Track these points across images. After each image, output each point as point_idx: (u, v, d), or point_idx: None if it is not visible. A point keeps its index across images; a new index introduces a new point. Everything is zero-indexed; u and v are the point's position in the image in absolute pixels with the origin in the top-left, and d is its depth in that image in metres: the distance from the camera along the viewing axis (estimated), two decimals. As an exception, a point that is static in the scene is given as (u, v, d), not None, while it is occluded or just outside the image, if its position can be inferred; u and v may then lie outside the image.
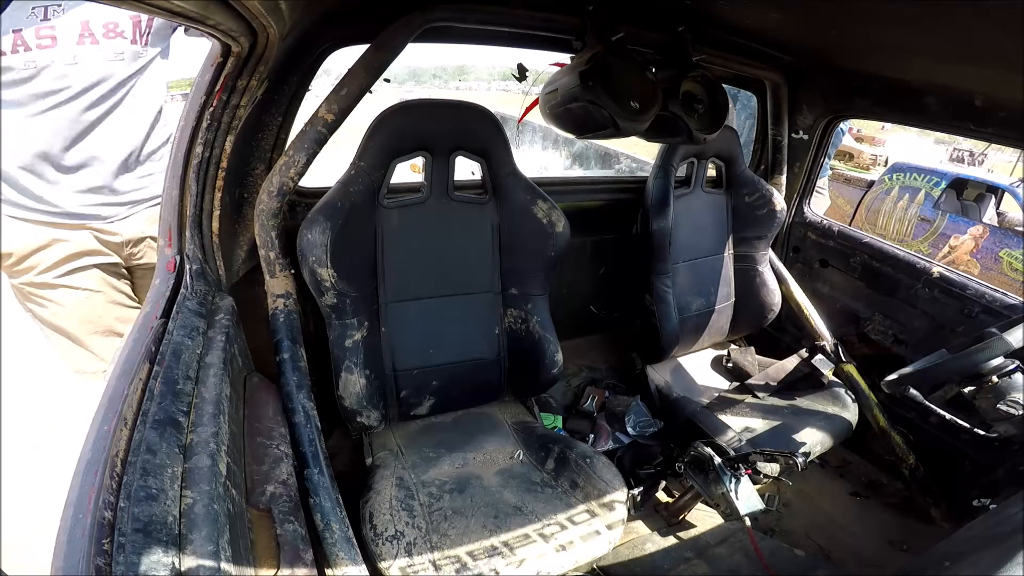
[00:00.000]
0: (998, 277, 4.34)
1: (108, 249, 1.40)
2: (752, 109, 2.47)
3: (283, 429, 0.95)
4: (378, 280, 1.34)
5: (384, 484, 1.18)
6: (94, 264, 1.38)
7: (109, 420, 0.62)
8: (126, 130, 1.33)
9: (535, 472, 1.30)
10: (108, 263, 1.41)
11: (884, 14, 0.98)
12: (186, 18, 0.75)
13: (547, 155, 5.66)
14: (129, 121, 1.33)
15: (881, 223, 5.24)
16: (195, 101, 0.99)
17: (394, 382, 1.38)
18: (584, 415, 1.90)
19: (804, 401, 1.72)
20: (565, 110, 1.28)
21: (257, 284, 1.21)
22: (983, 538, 0.86)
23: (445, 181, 1.35)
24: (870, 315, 1.91)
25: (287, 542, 0.74)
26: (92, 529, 0.51)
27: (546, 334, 1.43)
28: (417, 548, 1.05)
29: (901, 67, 1.48)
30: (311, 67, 1.22)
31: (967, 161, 10.59)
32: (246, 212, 1.22)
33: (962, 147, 11.28)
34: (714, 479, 1.30)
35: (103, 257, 1.39)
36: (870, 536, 1.65)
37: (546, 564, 1.06)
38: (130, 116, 1.33)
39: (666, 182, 1.73)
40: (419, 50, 1.40)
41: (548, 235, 1.36)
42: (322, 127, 1.13)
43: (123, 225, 1.39)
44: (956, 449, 1.65)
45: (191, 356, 0.79)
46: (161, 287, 0.93)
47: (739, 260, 1.96)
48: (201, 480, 0.62)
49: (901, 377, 1.21)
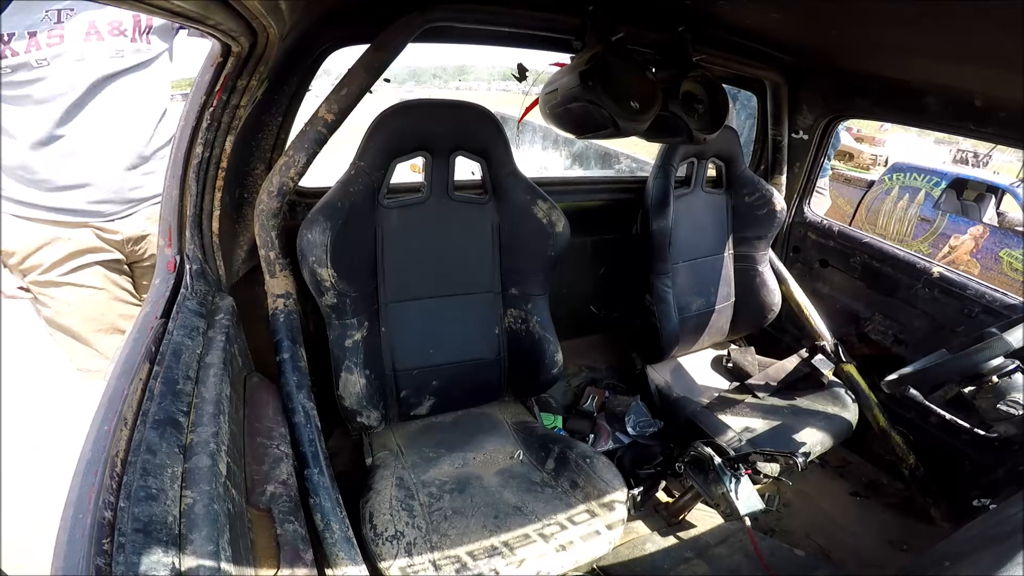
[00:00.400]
0: (998, 277, 4.34)
1: (109, 246, 1.40)
2: (752, 109, 2.47)
3: (283, 429, 0.95)
4: (378, 280, 1.34)
5: (384, 484, 1.18)
6: (97, 261, 1.38)
7: (109, 420, 0.62)
8: (129, 128, 1.33)
9: (535, 472, 1.30)
10: (110, 260, 1.41)
11: (884, 14, 0.98)
12: (186, 18, 0.75)
13: (547, 155, 5.66)
14: (132, 119, 1.33)
15: (881, 223, 5.24)
16: (195, 101, 0.99)
17: (394, 382, 1.38)
18: (584, 415, 1.90)
19: (804, 401, 1.72)
20: (565, 110, 1.28)
21: (257, 284, 1.22)
22: (983, 538, 0.86)
23: (445, 181, 1.35)
24: (870, 315, 1.91)
25: (287, 542, 0.74)
26: (92, 529, 0.51)
27: (546, 334, 1.43)
28: (417, 548, 1.05)
29: (901, 67, 1.48)
30: (311, 67, 1.22)
31: (971, 163, 10.38)
32: (246, 212, 1.22)
33: (966, 148, 11.12)
34: (714, 479, 1.30)
35: (105, 254, 1.39)
36: (870, 536, 1.65)
37: (546, 564, 1.06)
38: (133, 114, 1.33)
39: (666, 182, 1.73)
40: (419, 50, 1.40)
41: (548, 235, 1.36)
42: (322, 127, 1.13)
43: (124, 223, 1.39)
44: (956, 449, 1.65)
45: (191, 356, 0.79)
46: (161, 287, 0.93)
47: (739, 260, 1.96)
48: (201, 480, 0.62)
49: (901, 377, 1.21)
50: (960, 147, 11.31)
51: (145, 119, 1.37)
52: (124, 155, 1.34)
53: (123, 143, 1.33)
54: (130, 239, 1.42)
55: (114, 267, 1.43)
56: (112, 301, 1.42)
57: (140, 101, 1.34)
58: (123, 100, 1.30)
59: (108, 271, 1.41)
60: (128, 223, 1.40)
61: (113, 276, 1.42)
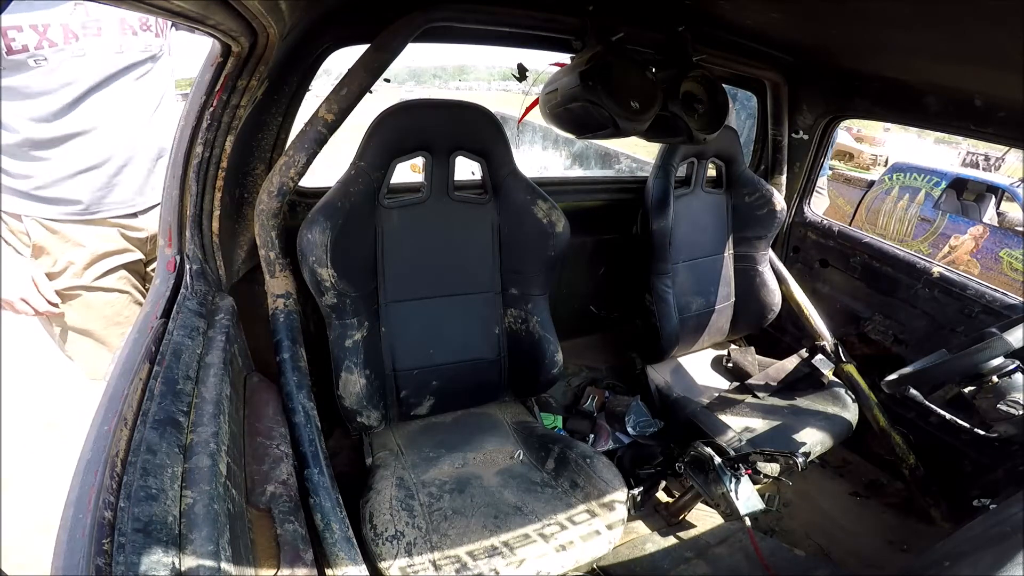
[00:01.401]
0: (998, 277, 4.35)
1: (132, 246, 1.40)
2: (752, 109, 2.47)
3: (283, 429, 0.95)
4: (378, 280, 1.34)
5: (384, 484, 1.18)
6: (121, 264, 1.38)
7: (109, 420, 0.62)
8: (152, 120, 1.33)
9: (535, 472, 1.30)
10: (133, 261, 1.41)
11: (884, 14, 0.98)
12: (186, 18, 0.75)
13: (547, 155, 5.66)
14: (153, 111, 1.33)
15: (881, 223, 5.24)
16: (195, 101, 0.99)
17: (394, 382, 1.38)
18: (584, 415, 1.90)
19: (804, 401, 1.72)
20: (565, 110, 1.28)
21: (257, 284, 1.22)
22: (983, 538, 0.86)
23: (445, 181, 1.35)
24: (870, 315, 1.91)
25: (287, 542, 0.74)
26: (92, 529, 0.51)
27: (546, 334, 1.43)
28: (417, 548, 1.05)
29: (901, 67, 1.48)
30: (311, 67, 1.22)
31: (982, 166, 10.04)
32: (246, 212, 1.22)
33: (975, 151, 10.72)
34: (714, 479, 1.30)
35: (128, 255, 1.39)
36: (870, 536, 1.65)
37: (546, 564, 1.06)
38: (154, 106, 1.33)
39: (666, 182, 1.73)
40: (419, 50, 1.40)
41: (548, 235, 1.36)
42: (322, 127, 1.13)
43: (149, 219, 1.39)
44: (956, 449, 1.65)
45: (191, 356, 0.79)
46: (161, 287, 0.93)
47: (739, 260, 1.96)
48: (201, 480, 0.62)
49: (901, 377, 1.21)
50: (970, 150, 10.99)
51: (166, 112, 1.37)
52: (149, 148, 1.34)
53: (149, 135, 1.33)
54: (154, 235, 1.41)
55: (135, 269, 1.43)
56: (133, 304, 1.42)
57: (159, 94, 1.34)
58: (143, 92, 1.30)
59: (131, 274, 1.41)
60: (153, 218, 1.39)
61: (135, 279, 1.43)
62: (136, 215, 1.37)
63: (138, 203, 1.36)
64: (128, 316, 1.40)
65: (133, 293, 1.42)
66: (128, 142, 1.30)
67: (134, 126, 1.30)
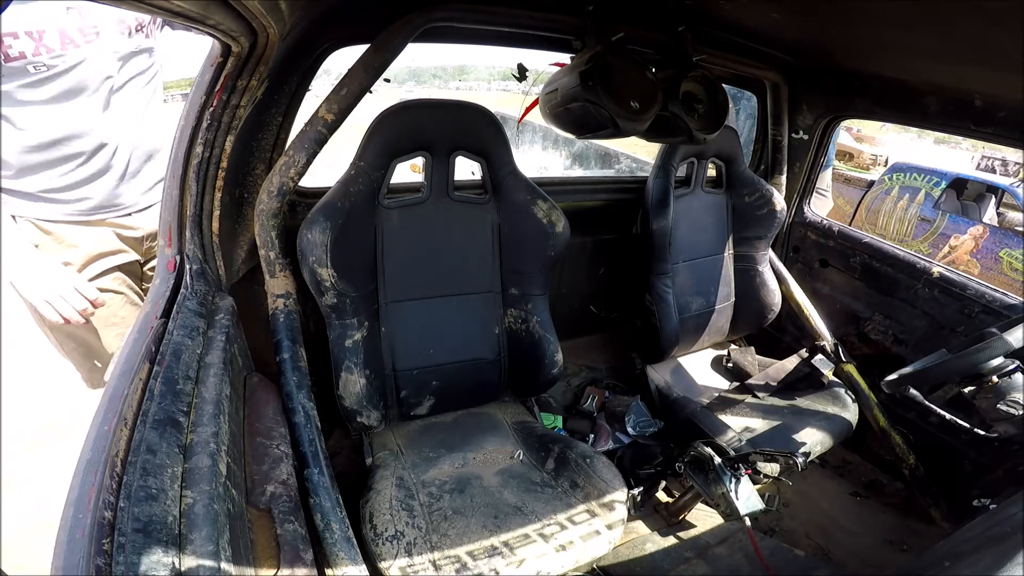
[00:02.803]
0: (998, 277, 4.34)
1: (127, 246, 1.39)
2: (752, 109, 2.47)
3: (283, 429, 0.95)
4: (378, 280, 1.34)
5: (384, 484, 1.18)
6: (116, 265, 1.37)
7: (109, 420, 0.62)
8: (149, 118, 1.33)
9: (535, 472, 1.30)
10: (128, 262, 1.40)
11: (884, 14, 0.98)
12: (186, 18, 0.75)
13: (547, 155, 5.66)
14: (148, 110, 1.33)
15: (881, 223, 5.24)
16: (195, 101, 0.99)
17: (394, 382, 1.38)
18: (584, 415, 1.90)
19: (804, 401, 1.72)
20: (565, 110, 1.28)
21: (257, 284, 1.22)
22: (983, 538, 0.86)
23: (445, 181, 1.35)
24: (870, 315, 1.91)
25: (287, 542, 0.74)
26: (92, 529, 0.51)
27: (546, 334, 1.43)
28: (417, 548, 1.05)
29: (901, 67, 1.48)
30: (311, 67, 1.22)
31: (998, 171, 9.56)
32: (246, 212, 1.22)
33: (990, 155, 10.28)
34: (714, 479, 1.30)
35: (123, 256, 1.38)
36: (870, 536, 1.65)
37: (546, 564, 1.06)
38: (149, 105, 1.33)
39: (666, 182, 1.73)
40: (419, 50, 1.40)
41: (548, 235, 1.36)
42: (322, 127, 1.13)
43: (143, 218, 1.38)
44: (956, 449, 1.65)
45: (191, 356, 0.79)
46: (161, 287, 0.93)
47: (739, 260, 1.96)
48: (201, 480, 0.62)
49: (901, 377, 1.21)
50: (985, 154, 10.44)
51: (155, 112, 1.36)
52: (142, 147, 1.33)
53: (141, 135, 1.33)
54: (149, 235, 1.41)
55: (131, 270, 1.42)
56: (128, 305, 1.41)
57: (150, 94, 1.34)
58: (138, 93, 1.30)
59: (126, 274, 1.40)
60: (147, 217, 1.39)
61: (130, 280, 1.42)
62: (131, 214, 1.37)
63: (133, 203, 1.36)
64: (124, 317, 1.40)
65: (128, 294, 1.41)
66: (124, 142, 1.30)
67: (130, 126, 1.29)
